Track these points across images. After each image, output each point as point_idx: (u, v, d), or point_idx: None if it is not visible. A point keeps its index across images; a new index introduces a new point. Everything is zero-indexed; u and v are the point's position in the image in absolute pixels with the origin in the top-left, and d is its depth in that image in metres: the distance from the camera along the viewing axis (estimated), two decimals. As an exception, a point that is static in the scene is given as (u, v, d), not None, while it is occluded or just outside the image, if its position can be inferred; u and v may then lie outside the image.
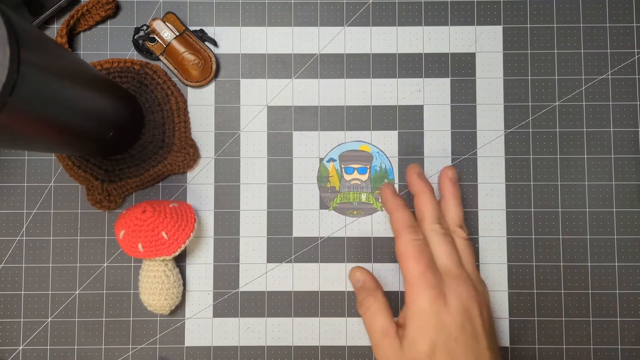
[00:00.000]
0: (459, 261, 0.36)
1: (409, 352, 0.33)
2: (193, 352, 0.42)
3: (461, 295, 0.34)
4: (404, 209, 0.37)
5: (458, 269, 0.35)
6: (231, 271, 0.42)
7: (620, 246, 0.42)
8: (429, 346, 0.33)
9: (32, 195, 0.43)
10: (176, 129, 0.42)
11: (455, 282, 0.34)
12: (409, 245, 0.35)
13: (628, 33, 0.43)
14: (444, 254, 0.35)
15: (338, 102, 0.43)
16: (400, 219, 0.37)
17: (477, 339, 0.34)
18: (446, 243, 0.36)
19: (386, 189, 0.39)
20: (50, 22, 0.43)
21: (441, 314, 0.33)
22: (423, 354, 0.33)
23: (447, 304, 0.33)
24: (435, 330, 0.33)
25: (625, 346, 0.42)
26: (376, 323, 0.35)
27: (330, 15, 0.44)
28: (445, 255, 0.35)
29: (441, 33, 0.44)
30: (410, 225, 0.36)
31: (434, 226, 0.36)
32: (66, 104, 0.30)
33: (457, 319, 0.33)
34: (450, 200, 0.39)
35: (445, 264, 0.35)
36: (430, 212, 0.37)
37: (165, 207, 0.39)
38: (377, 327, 0.35)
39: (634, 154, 0.43)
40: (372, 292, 0.37)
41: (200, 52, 0.42)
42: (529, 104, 0.43)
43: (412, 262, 0.34)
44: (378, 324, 0.35)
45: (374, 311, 0.36)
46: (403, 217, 0.37)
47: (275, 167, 0.43)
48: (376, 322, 0.35)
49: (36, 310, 0.42)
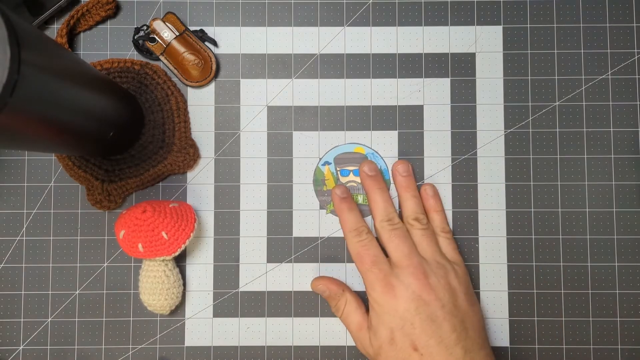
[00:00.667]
0: (410, 252, 0.38)
1: (375, 340, 0.37)
2: (193, 352, 0.42)
3: (410, 283, 0.36)
4: (349, 211, 0.40)
5: (408, 260, 0.37)
6: (231, 271, 0.43)
7: (620, 246, 0.42)
8: (388, 332, 0.36)
9: (32, 195, 0.43)
10: (176, 129, 0.42)
11: (403, 273, 0.37)
12: (354, 247, 0.39)
13: (628, 33, 0.43)
14: (393, 248, 0.38)
15: (338, 102, 0.43)
16: (346, 222, 0.40)
17: (437, 322, 0.35)
18: (396, 236, 0.38)
19: (335, 191, 0.41)
20: (50, 22, 0.43)
21: (392, 302, 0.36)
22: (384, 340, 0.36)
23: (397, 293, 0.36)
24: (389, 316, 0.36)
25: (625, 346, 0.42)
26: (351, 322, 0.39)
27: (330, 15, 0.44)
28: (393, 250, 0.38)
29: (441, 33, 0.44)
30: (355, 228, 0.39)
31: (382, 224, 0.39)
32: (66, 104, 0.30)
33: (410, 305, 0.36)
34: (403, 194, 0.41)
35: (394, 257, 0.38)
36: (379, 209, 0.40)
37: (165, 207, 0.39)
38: (353, 324, 0.39)
39: (634, 154, 0.43)
40: (340, 296, 0.40)
41: (200, 52, 0.42)
42: (529, 104, 0.43)
43: (359, 261, 0.38)
44: (353, 322, 0.39)
45: (347, 312, 0.39)
46: (348, 220, 0.40)
47: (275, 167, 0.43)
48: (351, 321, 0.39)
49: (36, 310, 0.42)
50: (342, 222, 0.40)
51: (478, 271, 0.42)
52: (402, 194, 0.41)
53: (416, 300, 0.36)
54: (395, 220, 0.39)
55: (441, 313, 0.36)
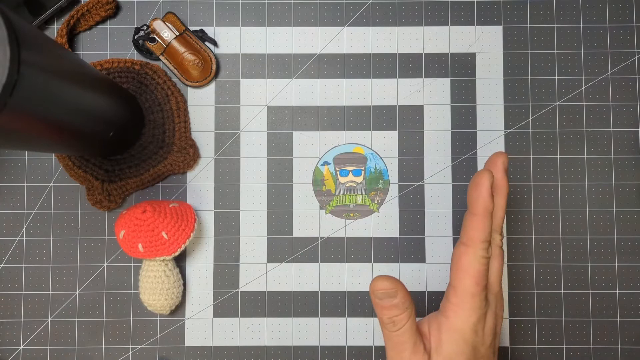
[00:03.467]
0: (500, 277, 0.34)
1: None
2: (193, 352, 0.42)
3: (496, 315, 0.33)
4: (489, 218, 0.32)
5: (498, 286, 0.34)
6: (231, 271, 0.43)
7: (620, 246, 0.42)
8: None
9: (32, 195, 0.43)
10: (176, 129, 0.42)
11: (495, 302, 0.33)
12: (475, 262, 0.32)
13: (628, 33, 0.43)
14: (495, 270, 0.34)
15: (338, 102, 0.43)
16: (480, 229, 0.32)
17: (495, 353, 0.34)
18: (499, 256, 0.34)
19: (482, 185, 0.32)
20: (50, 22, 0.43)
21: (479, 333, 0.32)
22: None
23: (485, 324, 0.33)
24: (470, 347, 0.32)
25: (625, 346, 0.42)
26: (406, 341, 0.32)
27: (330, 15, 0.44)
28: (494, 272, 0.34)
29: (441, 33, 0.44)
30: (485, 240, 0.32)
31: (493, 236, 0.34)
32: (66, 104, 0.30)
33: (488, 339, 0.33)
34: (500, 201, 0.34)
35: (492, 282, 0.33)
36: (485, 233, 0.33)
37: (165, 207, 0.39)
38: (407, 345, 0.32)
39: (634, 154, 0.43)
40: (407, 307, 0.32)
41: (200, 52, 0.42)
42: (529, 104, 0.43)
43: (472, 281, 0.32)
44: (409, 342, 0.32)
45: (406, 329, 0.32)
46: (483, 228, 0.32)
47: (275, 167, 0.43)
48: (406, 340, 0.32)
49: (36, 310, 0.42)
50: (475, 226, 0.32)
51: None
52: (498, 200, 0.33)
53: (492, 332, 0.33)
54: None
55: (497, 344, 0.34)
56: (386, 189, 0.43)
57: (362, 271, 0.43)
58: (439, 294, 0.42)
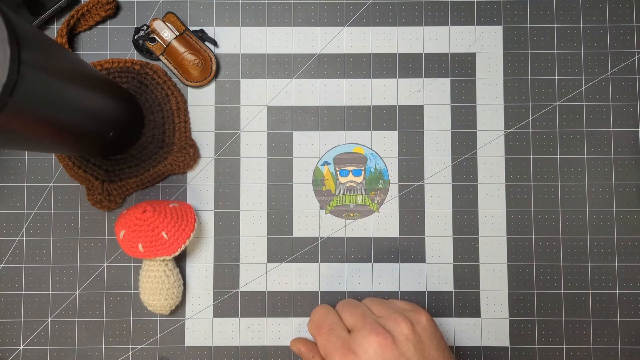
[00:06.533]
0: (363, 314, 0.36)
1: None
2: (193, 352, 0.42)
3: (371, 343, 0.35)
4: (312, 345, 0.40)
5: (362, 321, 0.36)
6: (231, 271, 0.43)
7: (620, 246, 0.42)
8: None
9: (32, 195, 0.43)
10: (176, 129, 0.42)
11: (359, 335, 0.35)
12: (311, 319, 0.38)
13: (628, 33, 0.43)
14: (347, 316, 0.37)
15: (338, 102, 0.43)
16: None
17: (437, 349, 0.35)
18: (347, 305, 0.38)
19: None
20: (50, 22, 0.43)
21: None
22: None
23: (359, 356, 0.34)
24: None
25: (625, 346, 0.42)
26: None
27: (330, 15, 0.44)
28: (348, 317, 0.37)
29: (441, 33, 0.44)
30: None
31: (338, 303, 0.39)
32: (66, 104, 0.30)
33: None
34: None
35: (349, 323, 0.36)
36: None
37: (166, 207, 0.39)
38: None
39: (634, 154, 0.43)
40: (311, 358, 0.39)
41: (200, 52, 0.42)
42: (529, 104, 0.43)
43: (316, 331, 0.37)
44: None
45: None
46: None
47: (275, 167, 0.43)
48: None
49: (36, 310, 0.42)
50: None
51: (478, 271, 0.42)
52: None
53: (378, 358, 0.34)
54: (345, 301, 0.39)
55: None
56: (386, 189, 0.43)
57: (362, 271, 0.43)
58: (438, 294, 0.42)
